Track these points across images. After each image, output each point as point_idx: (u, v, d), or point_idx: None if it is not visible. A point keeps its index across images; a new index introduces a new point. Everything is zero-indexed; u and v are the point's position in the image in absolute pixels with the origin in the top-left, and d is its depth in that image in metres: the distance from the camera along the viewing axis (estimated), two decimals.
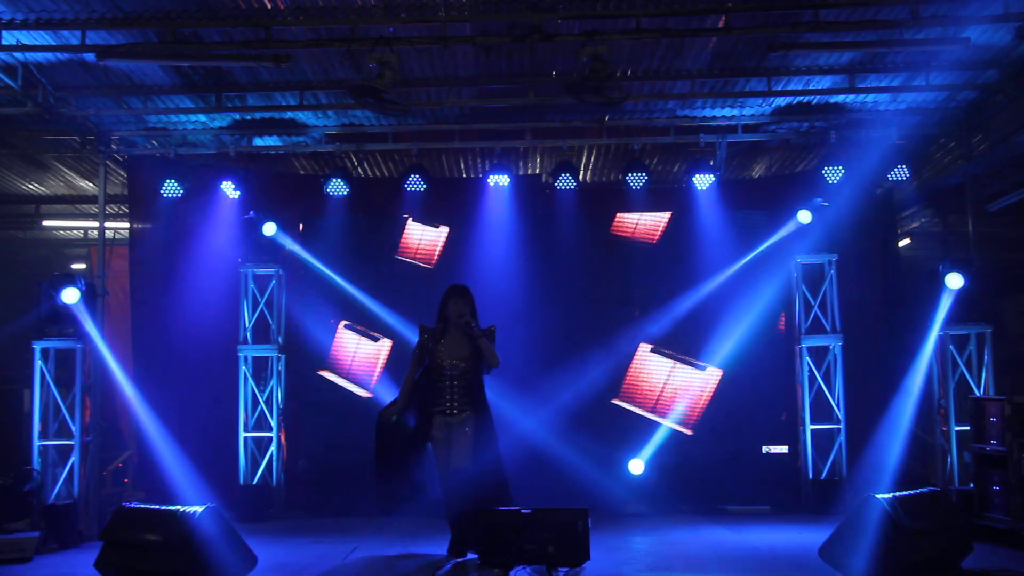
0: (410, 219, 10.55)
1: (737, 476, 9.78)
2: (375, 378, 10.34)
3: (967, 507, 7.83)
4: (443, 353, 6.87)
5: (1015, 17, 7.23)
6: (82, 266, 13.10)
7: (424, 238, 10.58)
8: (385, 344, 10.33)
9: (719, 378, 10.11)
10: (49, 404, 8.61)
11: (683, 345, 10.23)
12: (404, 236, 10.58)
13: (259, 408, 9.85)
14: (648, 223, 10.48)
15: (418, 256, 10.55)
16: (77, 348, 8.69)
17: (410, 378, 7.01)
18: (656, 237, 10.45)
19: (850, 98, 9.35)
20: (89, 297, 8.74)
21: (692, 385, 10.19)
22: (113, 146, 9.92)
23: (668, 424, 10.07)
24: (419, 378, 6.99)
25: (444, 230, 10.53)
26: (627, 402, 10.25)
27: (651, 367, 10.29)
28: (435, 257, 10.52)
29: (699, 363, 10.18)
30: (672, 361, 10.27)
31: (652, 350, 10.31)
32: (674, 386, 10.21)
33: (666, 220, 10.43)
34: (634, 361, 10.30)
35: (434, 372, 6.90)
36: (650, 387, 10.27)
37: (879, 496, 5.82)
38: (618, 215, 10.48)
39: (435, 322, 7.08)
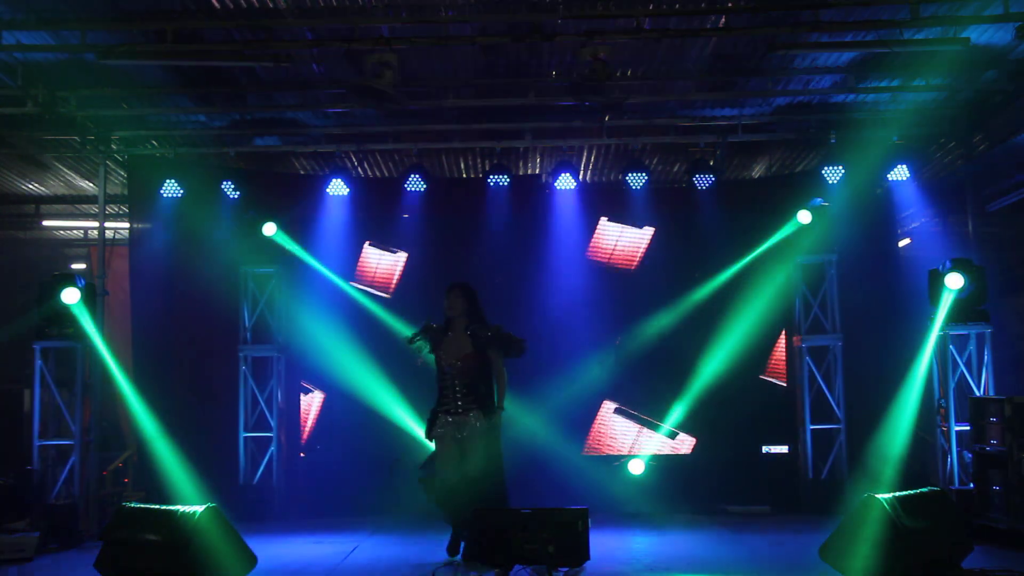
0: (368, 243, 10.34)
1: (737, 476, 9.76)
2: (306, 432, 10.17)
3: (967, 507, 7.82)
4: (443, 354, 6.85)
5: (1015, 17, 7.22)
6: (82, 266, 13.08)
7: (381, 263, 10.32)
8: (317, 396, 10.15)
9: (692, 445, 9.99)
10: (49, 404, 8.62)
11: (655, 399, 9.96)
12: (361, 261, 10.35)
13: (259, 408, 9.86)
14: (628, 245, 10.22)
15: (375, 282, 10.31)
16: (77, 348, 8.69)
17: None
18: (638, 257, 10.23)
19: (850, 98, 9.35)
20: (89, 297, 8.73)
21: (660, 451, 9.98)
22: (113, 146, 9.92)
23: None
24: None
25: (402, 255, 10.27)
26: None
27: (617, 428, 10.03)
28: (392, 284, 10.29)
29: (668, 427, 9.97)
30: (638, 425, 9.99)
31: (616, 410, 10.01)
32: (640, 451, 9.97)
33: (649, 237, 10.25)
34: (598, 419, 10.05)
35: (438, 373, 6.91)
36: (617, 448, 10.02)
37: (879, 496, 5.81)
38: (597, 236, 10.26)
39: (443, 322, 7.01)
